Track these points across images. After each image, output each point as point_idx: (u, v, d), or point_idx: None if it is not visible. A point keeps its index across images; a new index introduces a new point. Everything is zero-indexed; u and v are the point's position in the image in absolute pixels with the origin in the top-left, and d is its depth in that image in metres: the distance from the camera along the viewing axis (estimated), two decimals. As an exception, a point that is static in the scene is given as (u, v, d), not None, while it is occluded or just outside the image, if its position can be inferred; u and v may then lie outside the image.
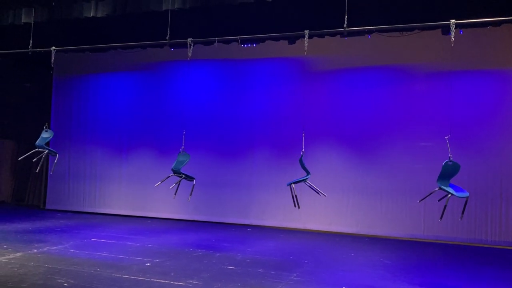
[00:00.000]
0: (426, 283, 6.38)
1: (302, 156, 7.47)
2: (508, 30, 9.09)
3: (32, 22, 9.45)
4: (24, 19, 9.62)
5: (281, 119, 10.76)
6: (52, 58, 9.26)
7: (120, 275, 6.05)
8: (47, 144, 9.14)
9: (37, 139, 8.77)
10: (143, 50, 11.45)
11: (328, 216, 10.28)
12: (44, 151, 8.72)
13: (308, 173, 7.49)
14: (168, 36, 8.32)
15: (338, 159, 10.29)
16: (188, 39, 8.25)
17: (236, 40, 8.60)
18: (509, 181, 9.16)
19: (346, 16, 7.24)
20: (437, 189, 6.55)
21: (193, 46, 8.25)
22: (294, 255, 7.78)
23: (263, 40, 9.95)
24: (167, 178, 8.20)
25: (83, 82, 12.74)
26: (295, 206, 7.55)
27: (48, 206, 12.79)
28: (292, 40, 10.01)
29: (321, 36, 9.19)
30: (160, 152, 11.71)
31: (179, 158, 8.05)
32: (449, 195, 6.37)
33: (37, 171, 10.30)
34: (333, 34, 9.11)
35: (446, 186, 6.40)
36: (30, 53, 9.42)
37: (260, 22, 9.29)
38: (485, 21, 7.81)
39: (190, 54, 8.25)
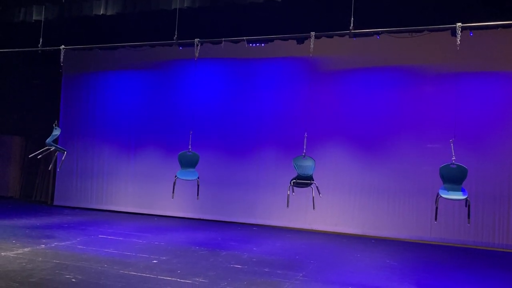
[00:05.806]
0: (432, 285, 6.37)
1: (301, 157, 7.51)
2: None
3: (43, 20, 9.53)
4: (35, 17, 9.69)
5: (289, 119, 10.74)
6: (61, 57, 9.31)
7: (127, 272, 6.09)
8: (55, 141, 9.23)
9: (47, 137, 8.86)
10: (152, 48, 11.48)
11: (334, 217, 10.27)
12: (52, 148, 8.80)
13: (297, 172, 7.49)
14: (176, 36, 8.34)
15: (345, 160, 10.26)
16: (196, 39, 8.26)
17: (244, 40, 8.61)
18: (517, 184, 9.12)
19: (352, 19, 7.26)
20: (439, 191, 6.58)
21: (200, 46, 8.27)
22: (300, 255, 7.79)
23: (271, 39, 9.96)
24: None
25: (92, 79, 12.80)
26: (287, 206, 7.60)
27: (55, 202, 12.86)
28: (300, 40, 9.99)
29: (330, 36, 9.19)
30: (168, 150, 11.72)
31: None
32: (439, 196, 6.46)
33: (49, 168, 10.44)
34: (341, 34, 9.12)
35: (458, 191, 6.41)
36: (40, 51, 9.50)
37: (269, 21, 9.29)
38: (493, 24, 7.79)
39: (197, 55, 8.27)
